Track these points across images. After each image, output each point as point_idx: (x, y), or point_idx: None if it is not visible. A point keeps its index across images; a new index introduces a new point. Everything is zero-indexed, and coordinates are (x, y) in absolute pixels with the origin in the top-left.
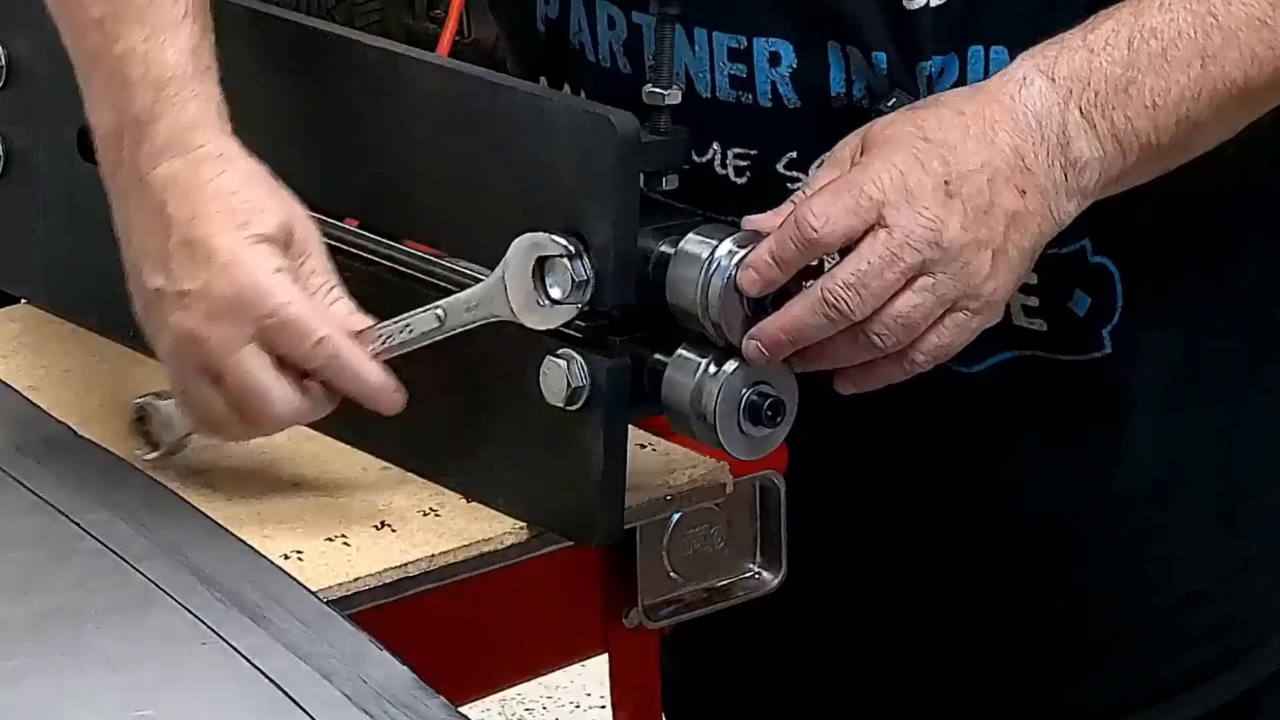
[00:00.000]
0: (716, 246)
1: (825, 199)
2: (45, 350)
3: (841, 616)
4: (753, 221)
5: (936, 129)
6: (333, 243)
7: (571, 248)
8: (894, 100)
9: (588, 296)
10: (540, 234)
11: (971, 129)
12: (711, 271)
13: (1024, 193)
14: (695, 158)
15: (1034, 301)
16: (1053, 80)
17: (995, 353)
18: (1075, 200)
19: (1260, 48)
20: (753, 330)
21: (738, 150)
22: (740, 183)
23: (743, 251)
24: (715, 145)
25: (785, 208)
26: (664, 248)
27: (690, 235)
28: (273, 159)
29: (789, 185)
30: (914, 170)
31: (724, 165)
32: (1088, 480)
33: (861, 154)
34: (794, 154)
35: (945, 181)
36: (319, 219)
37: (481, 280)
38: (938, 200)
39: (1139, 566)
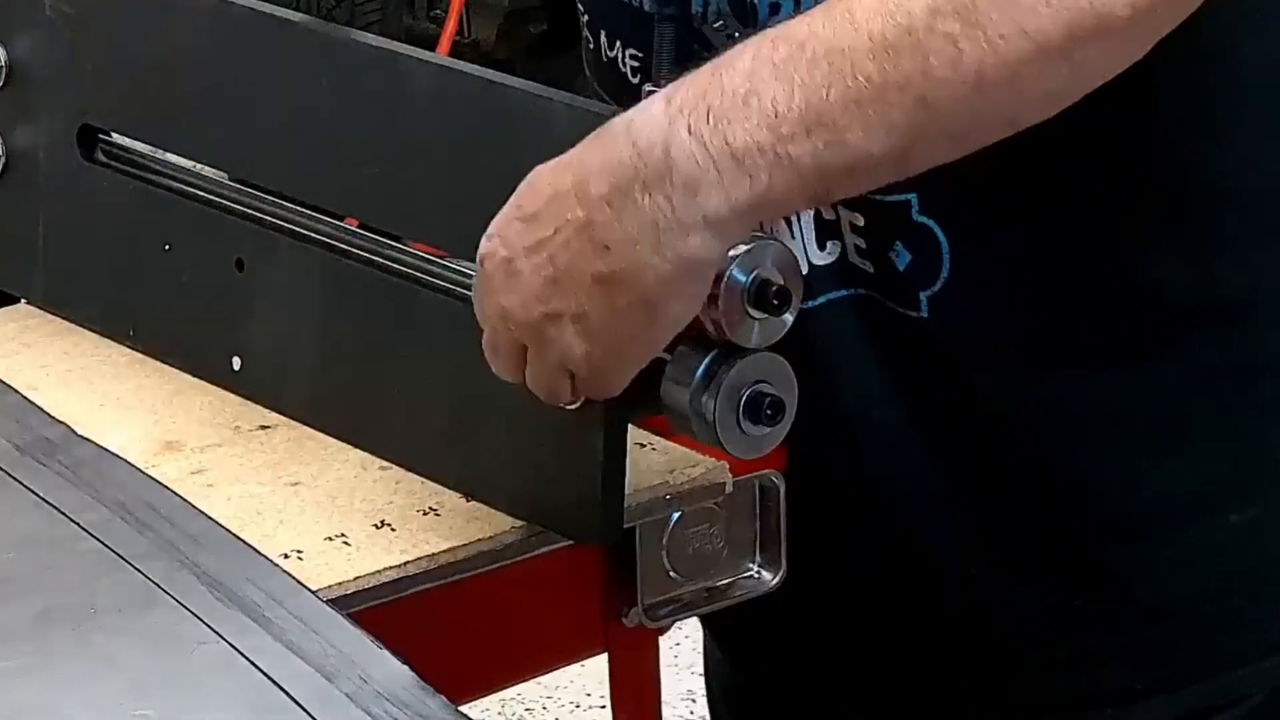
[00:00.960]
0: None
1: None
2: (45, 350)
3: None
4: None
5: (533, 186)
6: (333, 243)
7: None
8: (720, 24)
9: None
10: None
11: (560, 185)
12: None
13: (608, 248)
14: (606, 52)
15: (862, 243)
16: (668, 103)
17: (834, 288)
18: (698, 231)
19: (892, 32)
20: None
21: (631, 51)
22: (635, 82)
23: (744, 249)
24: (618, 43)
25: None
26: None
27: None
28: (273, 159)
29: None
30: (488, 254)
31: (623, 64)
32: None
33: None
34: None
35: (509, 259)
36: (319, 219)
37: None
38: (503, 282)
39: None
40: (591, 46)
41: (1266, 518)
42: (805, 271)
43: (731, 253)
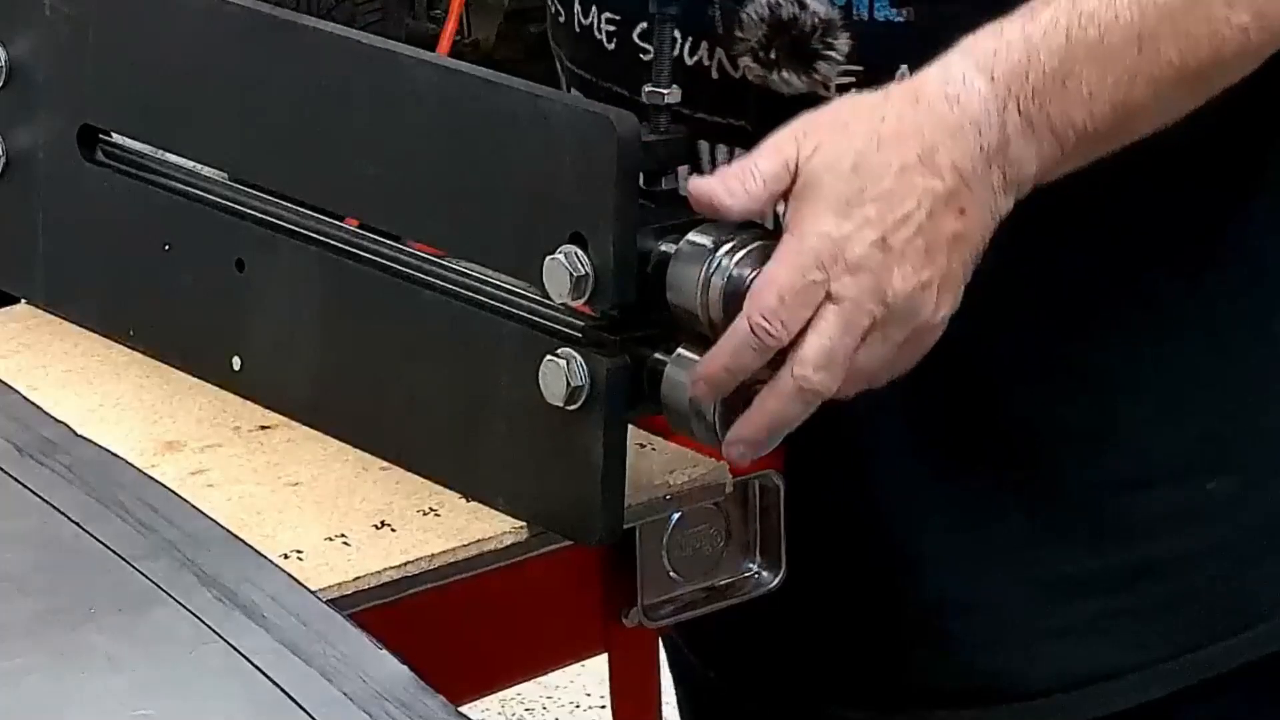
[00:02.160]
0: (717, 246)
1: (774, 305)
2: (45, 350)
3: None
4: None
5: (869, 165)
6: (333, 243)
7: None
8: None
9: (588, 293)
10: None
11: (906, 158)
12: (712, 271)
13: (963, 211)
14: (581, 20)
15: None
16: (992, 79)
17: None
18: (1013, 195)
19: (1195, 26)
20: (732, 435)
21: (608, 14)
22: (610, 48)
23: (744, 251)
24: (592, 9)
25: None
26: (664, 247)
27: (691, 234)
28: (273, 159)
29: (641, 56)
30: (850, 235)
31: (599, 31)
32: None
33: (792, 184)
34: (644, 24)
35: (882, 238)
36: (319, 219)
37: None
38: (877, 261)
39: None
40: (562, 18)
41: (1245, 488)
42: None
43: (733, 253)
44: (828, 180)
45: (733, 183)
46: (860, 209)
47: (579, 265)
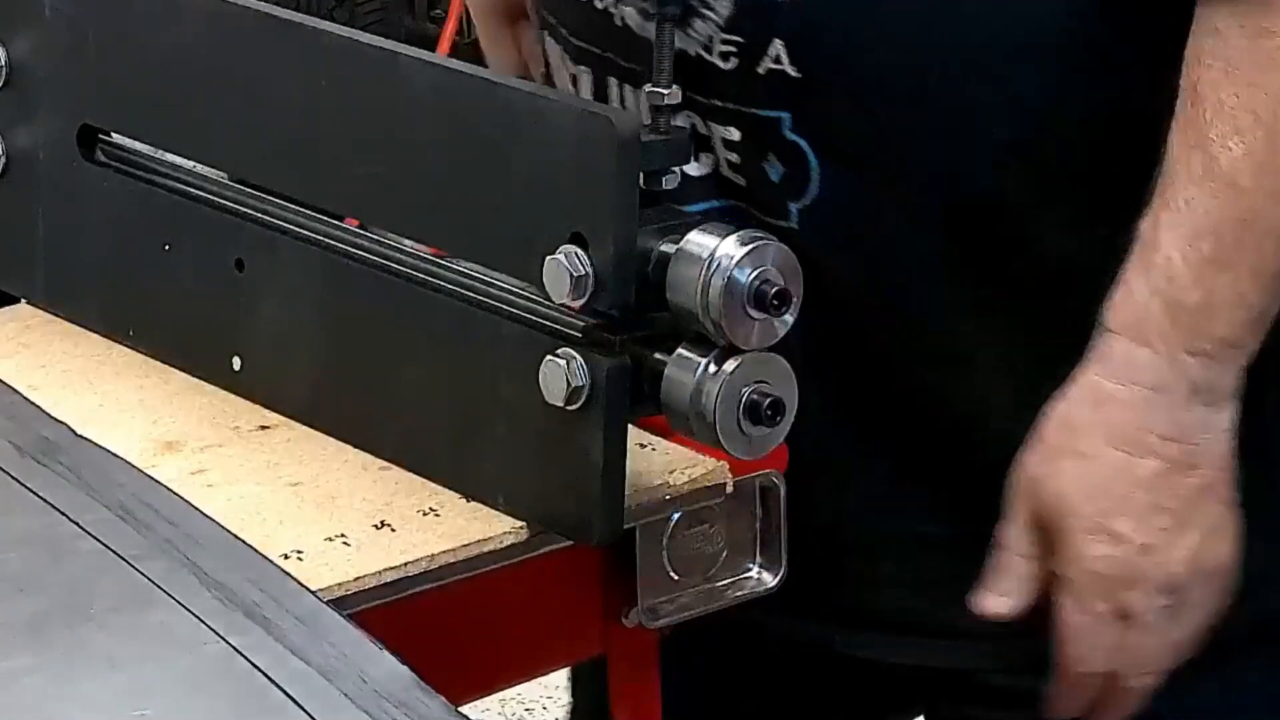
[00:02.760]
0: (718, 246)
1: (1083, 649)
2: (45, 350)
3: None
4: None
5: (1092, 485)
6: (333, 243)
7: None
8: None
9: (588, 293)
10: None
11: (1118, 462)
12: (712, 271)
13: (1194, 466)
14: (596, 5)
15: (735, 158)
16: (1149, 346)
17: (705, 199)
18: (1222, 409)
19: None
20: None
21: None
22: (618, 24)
23: (744, 251)
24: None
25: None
26: (665, 247)
27: (691, 234)
28: (273, 160)
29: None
30: (1111, 556)
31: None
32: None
33: (1038, 525)
34: None
35: (1141, 544)
36: (319, 219)
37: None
38: (1149, 564)
39: None
40: None
41: None
42: (678, 183)
43: (733, 253)
44: (1066, 520)
45: (1002, 583)
46: (1107, 526)
47: (579, 265)
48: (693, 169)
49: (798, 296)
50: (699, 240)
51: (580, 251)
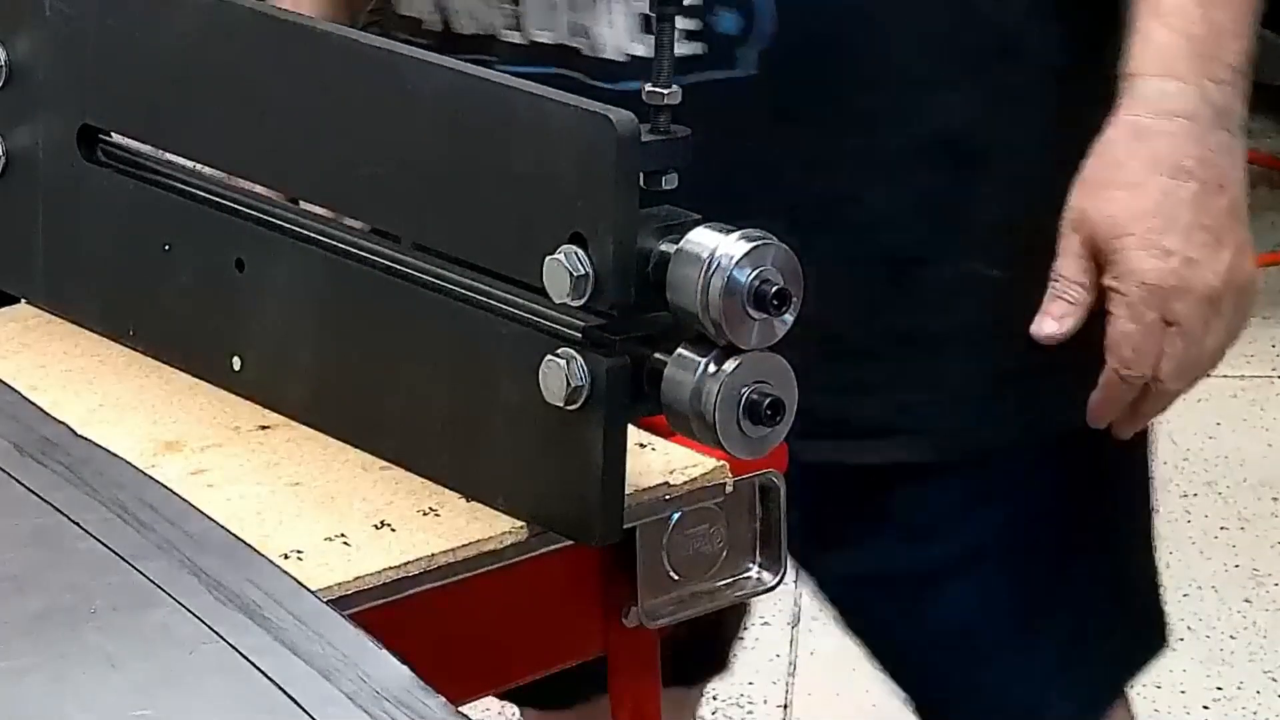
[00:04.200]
0: (718, 245)
1: (1131, 354)
2: (45, 350)
3: None
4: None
5: (1140, 207)
6: (333, 243)
7: None
8: None
9: (588, 293)
10: None
11: (1163, 185)
12: (712, 271)
13: (1222, 186)
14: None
15: (695, 25)
16: (1178, 78)
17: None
18: (1241, 129)
19: None
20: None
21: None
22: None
23: (745, 249)
24: None
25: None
26: (665, 247)
27: (691, 234)
28: (273, 159)
29: None
30: (1160, 269)
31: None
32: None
33: (1093, 248)
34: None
35: (1186, 258)
36: (319, 219)
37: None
38: (1190, 275)
39: None
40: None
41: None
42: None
43: (733, 253)
44: (1120, 240)
45: (1057, 307)
46: (1157, 243)
47: (579, 265)
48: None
49: (798, 296)
50: (699, 240)
51: (580, 251)
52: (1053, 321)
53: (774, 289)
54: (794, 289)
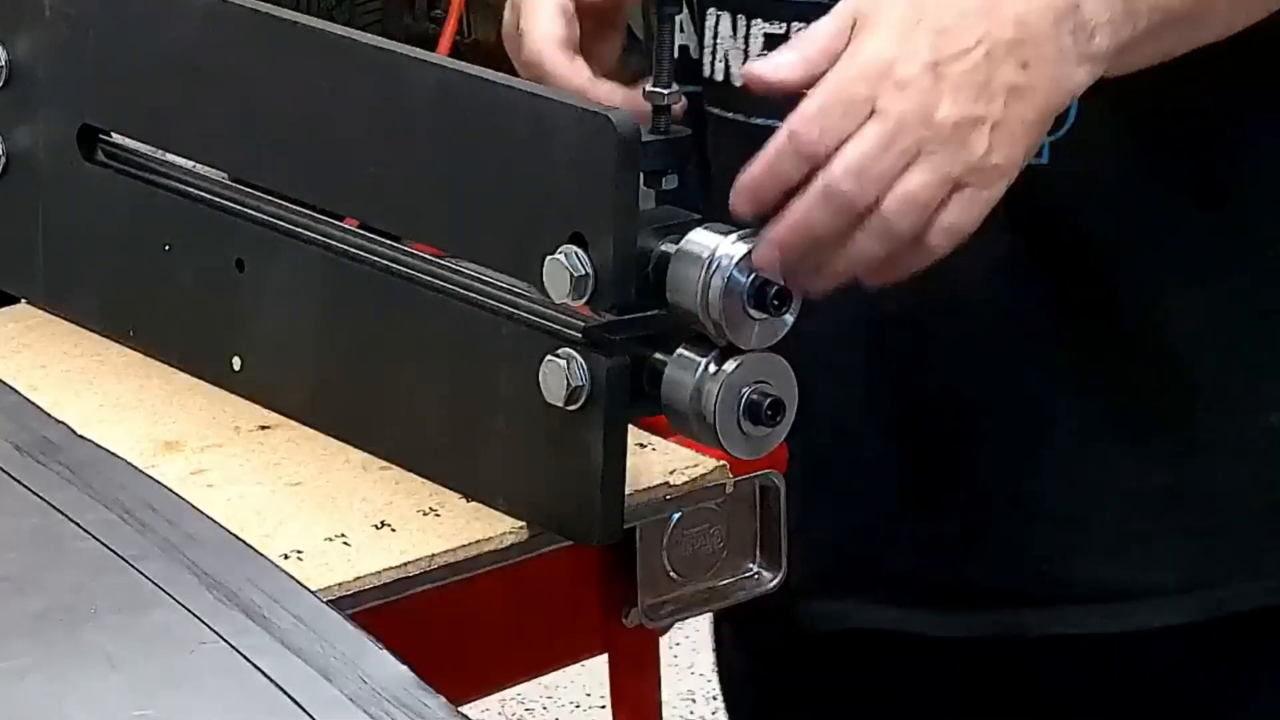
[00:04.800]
0: (718, 245)
1: (815, 110)
2: (45, 350)
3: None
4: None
5: (930, 4)
6: (333, 243)
7: None
8: None
9: (588, 293)
10: None
11: (966, 7)
12: (712, 271)
13: (1025, 65)
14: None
15: None
16: None
17: None
18: (1087, 67)
19: None
20: (762, 233)
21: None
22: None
23: (745, 249)
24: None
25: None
26: (665, 247)
27: (691, 234)
28: (273, 158)
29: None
30: (900, 58)
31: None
32: None
33: (852, 30)
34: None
35: (934, 63)
36: (319, 219)
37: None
38: (927, 83)
39: None
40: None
41: None
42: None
43: (732, 253)
44: (885, 10)
45: (786, 55)
46: (916, 36)
47: (579, 265)
48: None
49: (798, 296)
50: (699, 240)
51: (580, 251)
52: (763, 66)
53: (774, 288)
54: (794, 287)
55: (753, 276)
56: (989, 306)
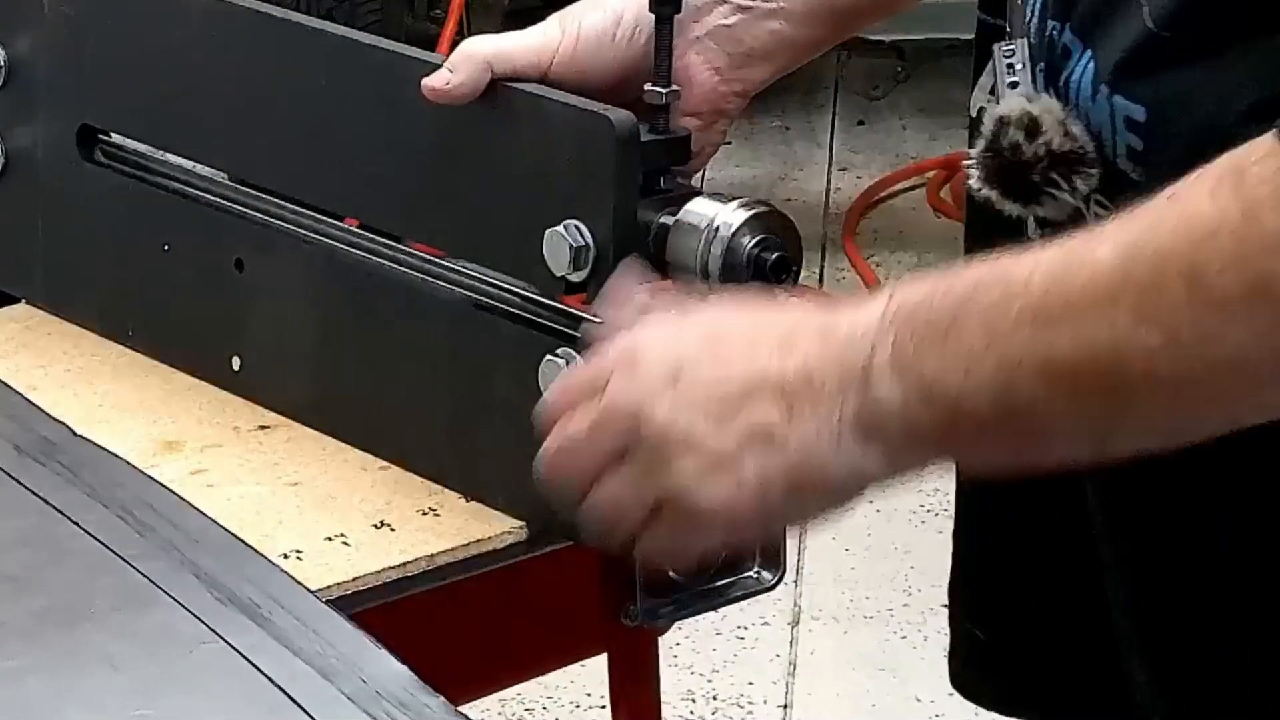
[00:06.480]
0: (717, 214)
1: (557, 390)
2: (45, 350)
3: None
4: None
5: (722, 320)
6: (333, 243)
7: None
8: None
9: (588, 266)
10: None
11: (760, 331)
12: (712, 239)
13: (791, 410)
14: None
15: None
16: (888, 299)
17: None
18: (874, 448)
19: (1097, 328)
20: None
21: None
22: None
23: (744, 216)
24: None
25: None
26: (664, 218)
27: (689, 205)
28: (274, 159)
29: None
30: (650, 354)
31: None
32: None
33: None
34: None
35: (674, 371)
36: (319, 219)
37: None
38: (655, 384)
39: None
40: None
41: None
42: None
43: (732, 221)
44: (672, 335)
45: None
46: (684, 333)
47: (579, 237)
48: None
49: (798, 265)
50: (698, 210)
51: (580, 225)
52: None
53: (774, 256)
54: (794, 256)
55: (752, 244)
56: None
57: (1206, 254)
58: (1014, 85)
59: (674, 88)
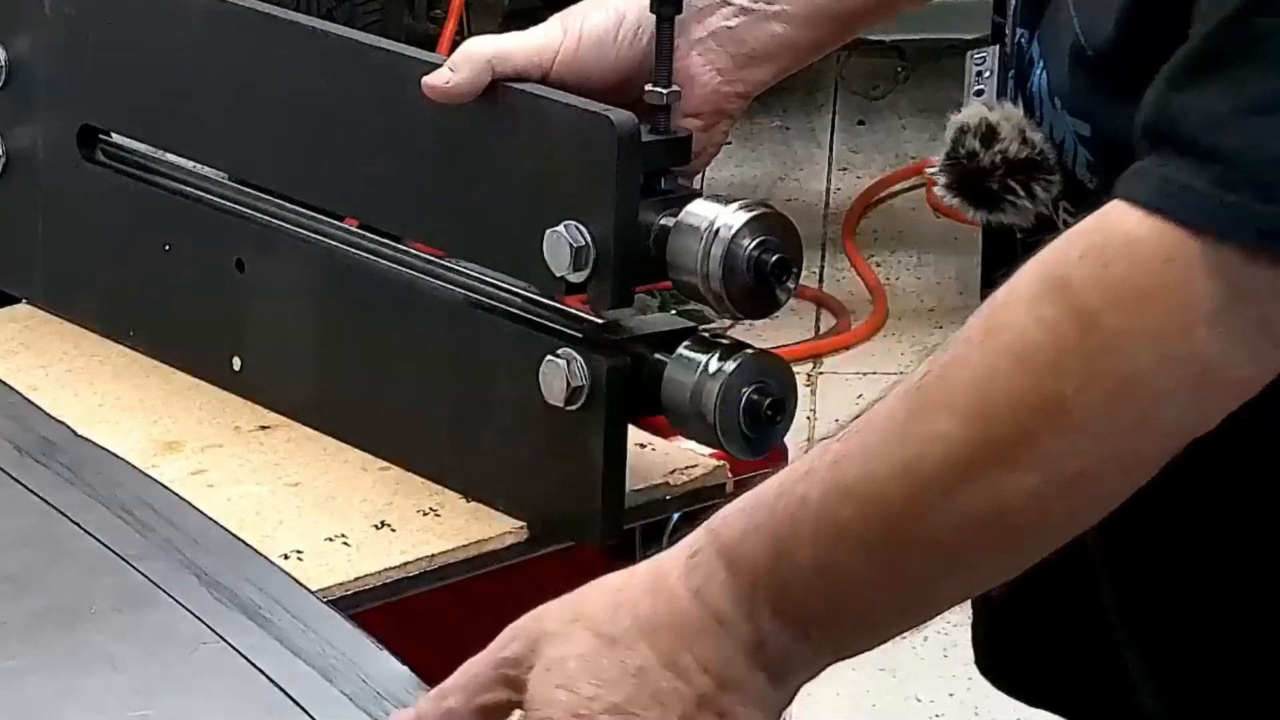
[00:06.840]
0: (717, 215)
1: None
2: (45, 350)
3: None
4: None
5: (601, 670)
6: (333, 243)
7: None
8: None
9: (589, 266)
10: None
11: (644, 659)
12: (712, 241)
13: (723, 715)
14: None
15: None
16: (736, 570)
17: None
18: (789, 686)
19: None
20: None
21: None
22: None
23: (745, 217)
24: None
25: None
26: (664, 220)
27: (690, 206)
28: (274, 159)
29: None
30: (557, 618)
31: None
32: None
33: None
34: None
35: (594, 659)
36: (319, 219)
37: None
38: (593, 675)
39: None
40: None
41: None
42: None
43: (732, 222)
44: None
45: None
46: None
47: (579, 237)
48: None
49: (798, 267)
50: (698, 211)
51: (580, 225)
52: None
53: (775, 258)
54: (794, 258)
55: (753, 246)
56: None
57: (1057, 382)
58: (979, 93)
59: (675, 88)
